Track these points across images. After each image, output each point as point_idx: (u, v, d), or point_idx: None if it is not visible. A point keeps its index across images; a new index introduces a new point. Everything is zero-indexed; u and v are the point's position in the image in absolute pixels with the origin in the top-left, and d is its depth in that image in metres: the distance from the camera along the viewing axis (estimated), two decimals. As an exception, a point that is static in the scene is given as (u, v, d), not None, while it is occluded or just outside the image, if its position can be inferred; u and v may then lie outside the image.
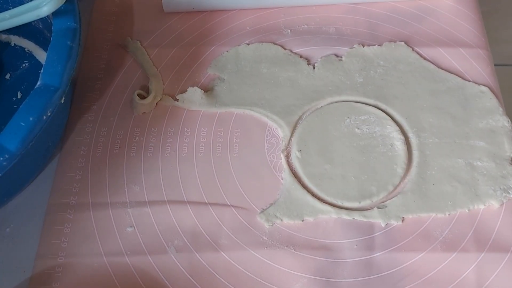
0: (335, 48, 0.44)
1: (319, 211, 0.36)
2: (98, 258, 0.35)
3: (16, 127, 0.31)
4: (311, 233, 0.35)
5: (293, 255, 0.35)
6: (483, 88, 0.41)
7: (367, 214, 0.36)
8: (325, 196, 0.37)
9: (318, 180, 0.37)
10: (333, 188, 0.37)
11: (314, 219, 0.36)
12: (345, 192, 0.37)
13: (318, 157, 0.38)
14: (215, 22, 0.46)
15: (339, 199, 0.37)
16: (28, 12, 0.35)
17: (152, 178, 0.38)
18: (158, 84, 0.42)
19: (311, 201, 0.36)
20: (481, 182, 0.37)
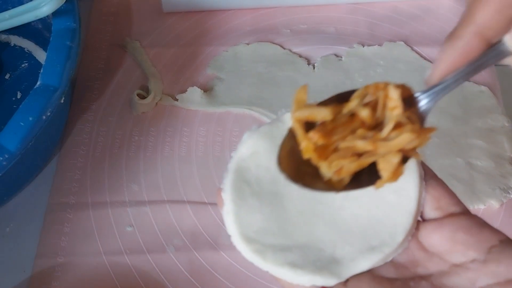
0: (334, 47, 0.44)
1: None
2: (97, 258, 0.35)
3: (15, 127, 0.31)
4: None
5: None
6: (482, 87, 0.41)
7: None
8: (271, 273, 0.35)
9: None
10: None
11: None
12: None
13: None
14: (214, 22, 0.46)
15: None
16: (28, 13, 0.35)
17: (152, 177, 0.38)
18: (157, 84, 0.42)
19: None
20: (480, 181, 0.37)
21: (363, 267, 0.20)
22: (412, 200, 0.21)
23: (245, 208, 0.21)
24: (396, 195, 0.21)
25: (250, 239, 0.21)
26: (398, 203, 0.21)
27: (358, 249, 0.21)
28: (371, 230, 0.21)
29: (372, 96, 0.20)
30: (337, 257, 0.21)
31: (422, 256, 0.21)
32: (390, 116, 0.20)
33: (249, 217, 0.21)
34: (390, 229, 0.21)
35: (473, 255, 0.20)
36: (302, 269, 0.20)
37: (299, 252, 0.21)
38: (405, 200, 0.21)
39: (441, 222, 0.21)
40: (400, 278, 0.20)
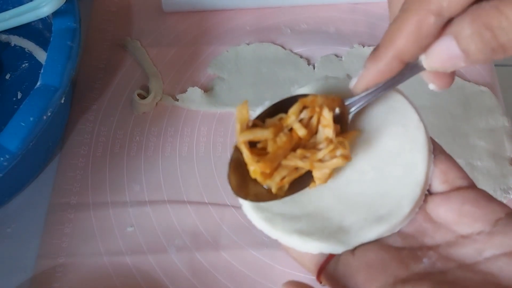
0: (335, 48, 0.44)
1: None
2: (98, 258, 0.35)
3: (16, 127, 0.31)
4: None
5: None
6: (483, 88, 0.41)
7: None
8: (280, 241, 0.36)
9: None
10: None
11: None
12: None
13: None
14: (215, 21, 0.46)
15: None
16: (28, 13, 0.35)
17: (152, 177, 0.38)
18: (158, 84, 0.42)
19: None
20: (481, 182, 0.37)
21: (370, 236, 0.21)
22: (420, 172, 0.21)
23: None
24: (404, 169, 0.22)
25: (260, 207, 0.21)
26: (406, 176, 0.21)
27: (366, 219, 0.21)
28: (379, 201, 0.21)
29: (308, 111, 0.22)
30: (344, 226, 0.21)
31: (429, 227, 0.21)
32: (323, 133, 0.22)
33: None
34: (397, 200, 0.21)
35: (480, 227, 0.20)
36: (310, 237, 0.21)
37: (307, 221, 0.21)
38: (413, 173, 0.21)
39: (449, 194, 0.21)
40: (408, 247, 0.21)
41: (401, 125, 0.22)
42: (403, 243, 0.21)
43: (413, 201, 0.21)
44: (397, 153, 0.22)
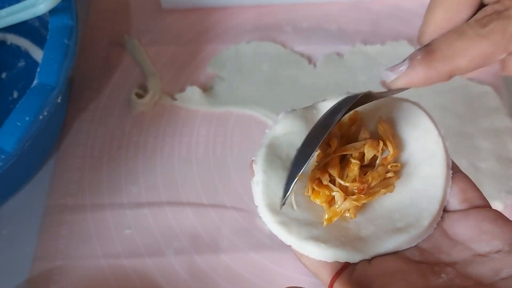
0: (337, 46, 0.43)
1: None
2: (96, 260, 0.34)
3: (12, 127, 0.30)
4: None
5: (294, 258, 0.34)
6: (487, 88, 0.41)
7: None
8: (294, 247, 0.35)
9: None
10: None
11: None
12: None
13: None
14: (214, 19, 0.45)
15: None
16: (25, 10, 0.35)
17: (151, 179, 0.37)
18: (156, 83, 0.41)
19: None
20: (485, 183, 0.36)
21: (388, 247, 0.21)
22: (439, 187, 0.21)
23: (274, 179, 0.22)
24: (423, 183, 0.22)
25: (276, 210, 0.21)
26: (426, 190, 0.21)
27: (384, 230, 0.21)
28: (397, 214, 0.21)
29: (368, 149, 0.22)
30: (362, 235, 0.21)
31: (446, 243, 0.21)
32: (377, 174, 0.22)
33: (277, 188, 0.21)
34: (416, 214, 0.21)
35: (498, 245, 0.20)
36: (326, 243, 0.20)
37: (323, 228, 0.21)
38: (432, 188, 0.21)
39: (467, 212, 0.21)
40: (425, 262, 0.21)
41: (420, 140, 0.22)
42: (420, 257, 0.21)
43: (431, 215, 0.21)
44: (416, 167, 0.22)
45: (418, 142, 0.22)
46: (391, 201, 0.22)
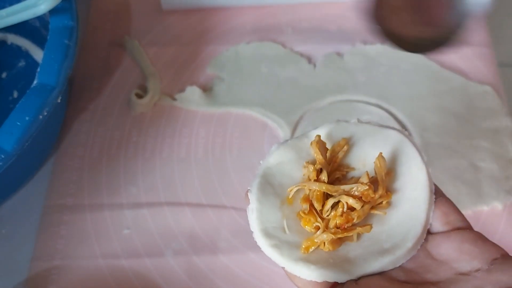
0: (336, 46, 0.43)
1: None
2: (94, 261, 0.34)
3: (12, 126, 0.30)
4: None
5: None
6: (486, 88, 0.41)
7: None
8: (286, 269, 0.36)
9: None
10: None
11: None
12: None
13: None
14: (214, 20, 0.45)
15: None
16: (25, 10, 0.35)
17: (150, 179, 0.37)
18: (156, 84, 0.41)
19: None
20: (484, 183, 0.36)
21: (374, 267, 0.22)
22: (422, 211, 0.23)
23: (267, 206, 0.24)
24: (409, 206, 0.23)
25: (269, 234, 0.23)
26: (411, 213, 0.23)
27: (370, 251, 0.22)
28: (384, 235, 0.23)
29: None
30: (350, 257, 0.22)
31: (430, 263, 0.22)
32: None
33: (270, 214, 0.23)
34: (402, 235, 0.23)
35: (478, 264, 0.22)
36: (315, 265, 0.22)
37: (313, 251, 0.23)
38: (417, 211, 0.23)
39: (449, 234, 0.23)
40: (410, 281, 0.22)
41: (406, 166, 0.24)
42: (405, 277, 0.22)
43: (415, 237, 0.22)
44: (403, 191, 0.24)
45: (403, 169, 0.24)
46: (379, 225, 0.23)
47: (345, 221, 0.23)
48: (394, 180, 0.24)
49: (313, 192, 0.23)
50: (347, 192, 0.23)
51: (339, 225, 0.23)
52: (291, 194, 0.24)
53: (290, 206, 0.24)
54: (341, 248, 0.23)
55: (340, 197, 0.23)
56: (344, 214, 0.23)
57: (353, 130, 0.25)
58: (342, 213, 0.23)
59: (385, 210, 0.23)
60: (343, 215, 0.23)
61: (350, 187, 0.23)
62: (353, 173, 0.25)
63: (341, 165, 0.25)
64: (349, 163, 0.25)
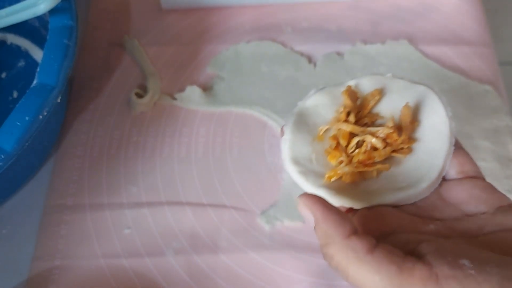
0: (336, 45, 0.43)
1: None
2: (95, 260, 0.34)
3: (12, 126, 0.30)
4: (312, 235, 0.35)
5: (294, 258, 0.34)
6: (487, 87, 0.41)
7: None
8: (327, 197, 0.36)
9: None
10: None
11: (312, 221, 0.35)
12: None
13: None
14: (214, 19, 0.45)
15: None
16: (25, 10, 0.35)
17: (150, 179, 0.37)
18: (156, 83, 0.41)
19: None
20: (485, 182, 0.36)
21: (388, 199, 0.24)
22: (440, 158, 0.25)
23: (299, 139, 0.27)
24: (428, 155, 0.25)
25: (298, 162, 0.26)
26: (429, 160, 0.25)
27: (387, 188, 0.25)
28: (401, 176, 0.25)
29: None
30: (367, 190, 0.25)
31: (440, 204, 0.24)
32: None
33: (301, 146, 0.26)
34: (417, 178, 0.25)
35: (484, 208, 0.23)
36: (335, 191, 0.24)
37: (336, 182, 0.25)
38: (435, 159, 0.25)
39: (462, 180, 0.25)
40: (418, 215, 0.24)
41: (431, 119, 0.26)
42: (415, 212, 0.24)
43: (430, 180, 0.24)
44: (425, 142, 0.26)
45: (428, 121, 0.26)
46: (397, 167, 0.25)
47: (367, 158, 0.25)
48: (418, 129, 0.26)
49: (340, 131, 0.26)
50: (372, 133, 0.26)
51: (361, 161, 0.25)
52: (321, 132, 0.26)
53: (320, 143, 0.26)
54: (361, 183, 0.25)
55: (365, 136, 0.25)
56: (366, 152, 0.25)
57: (386, 83, 0.28)
58: (365, 151, 0.25)
59: (405, 155, 0.25)
60: (365, 152, 0.25)
61: (376, 129, 0.26)
62: (381, 121, 0.27)
63: (371, 113, 0.27)
64: (378, 112, 0.27)
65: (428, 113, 0.26)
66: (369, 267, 0.20)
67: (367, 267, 0.20)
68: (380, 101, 0.27)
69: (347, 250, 0.20)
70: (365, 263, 0.20)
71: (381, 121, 0.27)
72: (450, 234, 0.22)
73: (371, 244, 0.20)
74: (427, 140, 0.26)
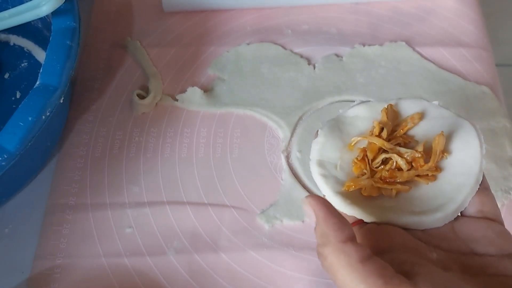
0: (336, 48, 0.43)
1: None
2: (97, 259, 0.34)
3: (15, 127, 0.30)
4: (311, 234, 0.35)
5: (293, 256, 0.34)
6: (484, 88, 0.41)
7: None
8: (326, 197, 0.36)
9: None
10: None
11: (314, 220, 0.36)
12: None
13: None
14: (215, 21, 0.45)
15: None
16: (28, 12, 0.35)
17: (152, 179, 0.38)
18: (158, 84, 0.42)
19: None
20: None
21: (399, 220, 0.24)
22: (462, 195, 0.25)
23: (331, 143, 0.27)
24: (451, 187, 0.25)
25: (323, 165, 0.26)
26: (451, 193, 0.25)
27: (401, 209, 0.25)
28: (419, 201, 0.25)
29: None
30: (382, 207, 0.25)
31: (450, 236, 0.24)
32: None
33: (330, 151, 0.27)
34: (433, 206, 0.25)
35: (493, 251, 0.23)
36: (351, 200, 0.25)
37: (354, 192, 0.25)
38: (457, 193, 0.25)
39: (479, 219, 0.24)
40: (425, 241, 0.24)
41: (463, 152, 0.26)
42: (422, 237, 0.24)
43: (446, 212, 0.24)
44: (449, 171, 0.26)
45: (460, 154, 0.26)
46: (417, 191, 0.25)
47: (389, 175, 0.25)
48: (448, 160, 0.26)
49: (370, 145, 0.26)
50: (400, 154, 0.26)
51: (383, 177, 0.26)
52: (354, 142, 0.27)
53: (349, 152, 0.27)
54: (378, 199, 0.25)
55: (392, 155, 0.26)
56: (390, 170, 0.26)
57: (430, 109, 0.28)
58: (389, 169, 0.26)
59: (428, 182, 0.25)
60: (389, 170, 0.26)
61: (405, 151, 0.26)
62: (414, 145, 0.27)
63: (407, 135, 0.27)
64: (414, 135, 0.27)
65: (463, 146, 0.26)
66: (357, 275, 0.20)
67: (356, 275, 0.20)
68: (418, 125, 0.27)
69: (341, 254, 0.21)
70: (355, 270, 0.20)
71: (414, 145, 0.27)
72: (451, 267, 0.22)
73: (365, 254, 0.21)
74: (454, 172, 0.25)
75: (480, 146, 0.26)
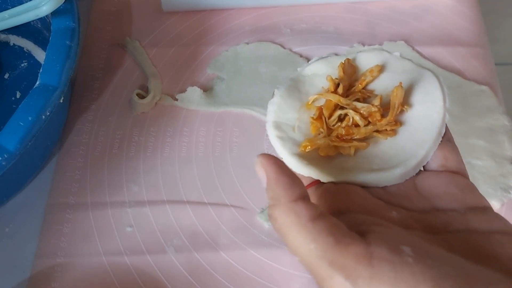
0: (334, 47, 0.44)
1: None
2: (97, 258, 0.35)
3: (15, 126, 0.31)
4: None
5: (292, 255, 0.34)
6: (483, 87, 0.41)
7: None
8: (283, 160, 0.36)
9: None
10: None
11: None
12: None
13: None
14: (214, 21, 0.46)
15: None
16: (27, 12, 0.35)
17: (151, 178, 0.38)
18: (157, 84, 0.42)
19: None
20: (481, 181, 0.37)
21: (358, 178, 0.23)
22: (423, 149, 0.23)
23: (287, 104, 0.26)
24: (412, 142, 0.24)
25: (279, 128, 0.25)
26: (411, 148, 0.23)
27: (360, 167, 0.23)
28: (378, 159, 0.24)
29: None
30: (340, 166, 0.24)
31: (411, 193, 0.23)
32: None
33: (287, 112, 0.25)
34: (393, 163, 0.23)
35: (456, 206, 0.21)
36: (308, 161, 0.24)
37: (311, 152, 0.24)
38: (418, 148, 0.23)
39: (440, 173, 0.23)
40: (385, 200, 0.22)
41: (424, 105, 0.24)
42: (383, 196, 0.23)
43: (405, 168, 0.23)
44: (409, 125, 0.24)
45: (422, 107, 0.24)
46: (377, 148, 0.24)
47: (345, 133, 0.24)
48: (409, 113, 0.24)
49: (326, 102, 0.25)
50: (357, 109, 0.24)
51: (340, 135, 0.24)
52: (310, 100, 0.25)
53: (307, 112, 0.25)
54: (336, 158, 0.24)
55: (348, 111, 0.24)
56: (346, 127, 0.24)
57: (391, 61, 0.26)
58: (346, 126, 0.24)
59: (386, 137, 0.24)
60: (345, 127, 0.24)
61: (361, 106, 0.24)
62: (373, 100, 0.25)
63: (366, 89, 0.26)
64: (374, 90, 0.26)
65: (425, 99, 0.25)
66: (307, 234, 0.19)
67: (306, 234, 0.19)
68: (379, 78, 0.26)
69: (291, 214, 0.19)
70: (305, 229, 0.19)
71: (374, 100, 0.25)
72: (411, 225, 0.21)
73: (316, 213, 0.19)
74: (415, 127, 0.24)
75: (443, 98, 0.24)
